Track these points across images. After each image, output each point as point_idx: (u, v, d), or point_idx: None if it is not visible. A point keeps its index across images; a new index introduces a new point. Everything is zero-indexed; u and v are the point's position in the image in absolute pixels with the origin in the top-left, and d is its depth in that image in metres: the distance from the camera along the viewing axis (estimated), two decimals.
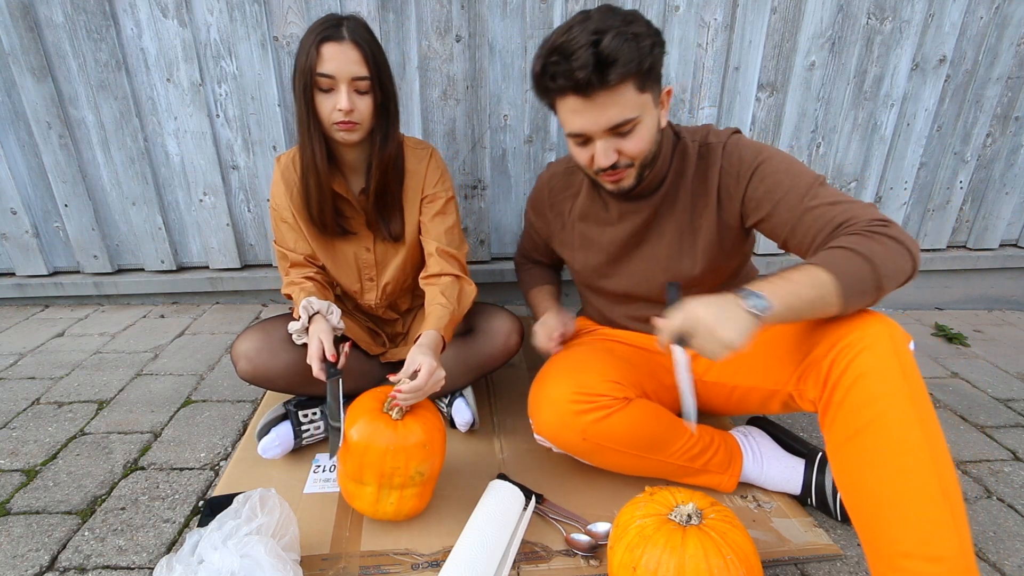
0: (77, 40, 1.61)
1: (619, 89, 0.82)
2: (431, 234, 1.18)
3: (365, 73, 1.01)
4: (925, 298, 2.12)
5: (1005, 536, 1.02)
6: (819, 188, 0.88)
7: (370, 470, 0.90)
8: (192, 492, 1.09)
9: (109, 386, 1.45)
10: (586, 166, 0.94)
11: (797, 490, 1.04)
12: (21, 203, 1.79)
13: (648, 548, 0.73)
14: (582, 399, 0.94)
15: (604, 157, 0.88)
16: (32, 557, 0.94)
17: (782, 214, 0.90)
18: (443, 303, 1.09)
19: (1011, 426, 1.37)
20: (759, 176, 0.92)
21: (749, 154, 0.95)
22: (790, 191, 0.89)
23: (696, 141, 1.00)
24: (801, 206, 0.87)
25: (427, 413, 0.97)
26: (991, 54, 1.80)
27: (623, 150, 0.89)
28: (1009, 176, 1.98)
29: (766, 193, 0.92)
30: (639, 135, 0.88)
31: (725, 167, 0.97)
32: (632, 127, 0.87)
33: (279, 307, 1.97)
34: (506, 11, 1.63)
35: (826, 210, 0.85)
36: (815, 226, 0.86)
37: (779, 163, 0.92)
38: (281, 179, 1.17)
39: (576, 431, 0.95)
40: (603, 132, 0.86)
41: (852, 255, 0.76)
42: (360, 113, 1.03)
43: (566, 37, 0.80)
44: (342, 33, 1.00)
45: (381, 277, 1.25)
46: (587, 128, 0.87)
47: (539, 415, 0.99)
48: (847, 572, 0.93)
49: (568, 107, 0.86)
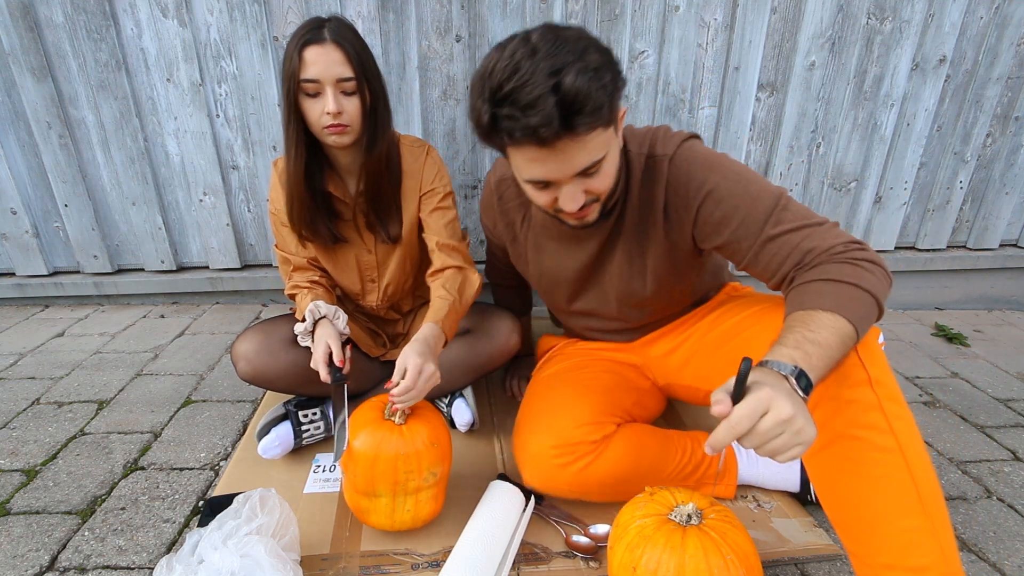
0: (77, 40, 1.61)
1: (584, 136, 0.71)
2: (431, 229, 1.17)
3: (350, 74, 0.99)
4: (925, 298, 2.13)
5: (1005, 536, 1.02)
6: (780, 212, 0.81)
7: (383, 480, 0.89)
8: (192, 492, 1.09)
9: (109, 386, 1.45)
10: (546, 207, 0.84)
11: (796, 487, 1.04)
12: (21, 203, 1.79)
13: (648, 548, 0.73)
14: (563, 451, 0.93)
15: (571, 202, 0.78)
16: (32, 557, 0.94)
17: (741, 243, 0.84)
18: (443, 295, 1.08)
19: (1011, 426, 1.37)
20: (713, 200, 0.84)
21: (699, 173, 0.85)
22: (747, 218, 0.82)
23: (642, 153, 0.90)
24: (762, 235, 0.81)
25: (429, 413, 0.97)
26: (991, 54, 1.80)
27: (590, 189, 0.80)
28: (1009, 176, 1.98)
29: (722, 219, 0.84)
30: (605, 172, 0.79)
31: (672, 185, 0.88)
32: (599, 167, 0.77)
33: (279, 307, 1.97)
34: (506, 11, 1.63)
35: (790, 237, 0.79)
36: (779, 255, 0.80)
37: (734, 184, 0.83)
38: (279, 182, 1.16)
39: (563, 483, 0.95)
40: (569, 177, 0.76)
41: (859, 293, 0.71)
42: (349, 115, 1.01)
43: (516, 82, 0.67)
44: (323, 35, 0.98)
45: (382, 278, 1.25)
46: (550, 176, 0.76)
47: (525, 469, 0.99)
48: (847, 572, 0.93)
49: (525, 156, 0.74)
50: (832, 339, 0.66)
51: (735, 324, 0.97)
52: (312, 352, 1.05)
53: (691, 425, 1.28)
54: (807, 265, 0.77)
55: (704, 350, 1.02)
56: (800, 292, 0.75)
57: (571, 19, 1.65)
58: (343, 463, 0.94)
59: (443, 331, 1.03)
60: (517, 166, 0.79)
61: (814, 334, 0.66)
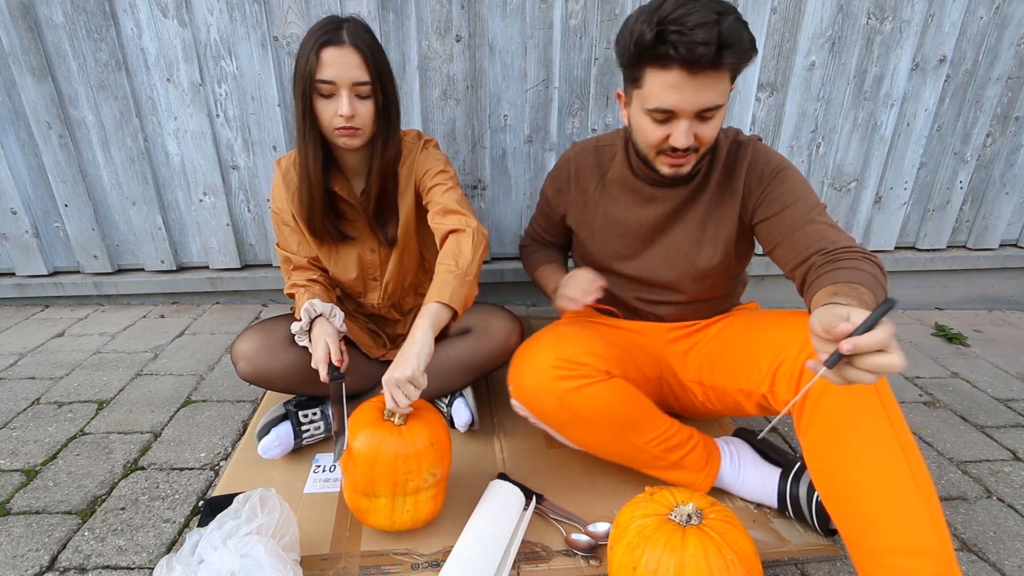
0: (77, 40, 1.61)
1: (722, 73, 0.83)
2: (431, 203, 1.12)
3: (366, 78, 1.00)
4: (925, 298, 2.13)
5: (1005, 536, 1.02)
6: (822, 210, 0.94)
7: (382, 481, 0.88)
8: (192, 492, 1.09)
9: (109, 386, 1.45)
10: (654, 144, 0.92)
11: (774, 502, 1.02)
12: (21, 203, 1.79)
13: (648, 548, 0.73)
14: (564, 365, 0.93)
15: (685, 138, 0.87)
16: (32, 557, 0.94)
17: (787, 218, 0.94)
18: (440, 269, 0.99)
19: (1011, 426, 1.37)
20: (780, 179, 0.97)
21: (775, 159, 1.00)
22: (801, 201, 0.94)
23: (728, 137, 1.03)
24: (807, 217, 0.92)
25: (428, 413, 0.97)
26: (991, 54, 1.80)
27: (700, 135, 0.89)
28: (1009, 176, 1.98)
29: (781, 195, 0.96)
30: (716, 122, 0.89)
31: (753, 164, 1.00)
32: (715, 114, 0.88)
33: (279, 307, 1.97)
34: (506, 11, 1.63)
35: (825, 228, 0.90)
36: (811, 238, 0.90)
37: (798, 177, 0.98)
38: (282, 182, 1.16)
39: (554, 396, 0.94)
40: (692, 113, 0.86)
41: (877, 285, 0.77)
42: (361, 118, 1.02)
43: (685, 10, 0.78)
44: (342, 37, 0.98)
45: (384, 277, 1.25)
46: (680, 106, 0.85)
47: (519, 379, 0.98)
48: (847, 572, 0.93)
49: (666, 80, 0.84)
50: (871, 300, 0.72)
51: (759, 324, 1.02)
52: (311, 352, 1.05)
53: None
54: (830, 253, 0.85)
55: (726, 345, 1.05)
56: (835, 269, 0.81)
57: (571, 19, 1.65)
58: (342, 463, 0.94)
59: (443, 304, 0.95)
60: (648, 94, 0.87)
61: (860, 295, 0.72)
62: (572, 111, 1.76)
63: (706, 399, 1.08)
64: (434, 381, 1.19)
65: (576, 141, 1.21)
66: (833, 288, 0.76)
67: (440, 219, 1.08)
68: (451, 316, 0.97)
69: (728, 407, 1.05)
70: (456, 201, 1.09)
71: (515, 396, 1.00)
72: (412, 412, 0.94)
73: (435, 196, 1.12)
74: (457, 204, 1.09)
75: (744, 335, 1.03)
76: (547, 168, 1.81)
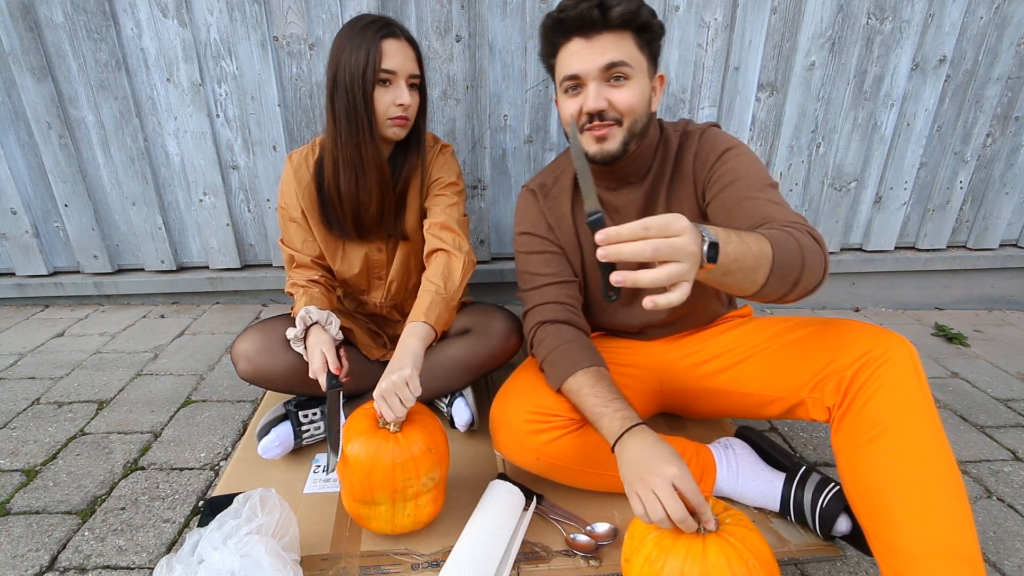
0: (77, 40, 1.61)
1: (619, 33, 0.88)
2: (430, 214, 1.16)
3: (419, 71, 1.07)
4: (925, 298, 2.13)
5: (1005, 536, 1.02)
6: (770, 190, 0.90)
7: (381, 489, 0.88)
8: (192, 492, 1.09)
9: (109, 386, 1.45)
10: (573, 115, 0.94)
11: (776, 506, 1.01)
12: (21, 203, 1.79)
13: (669, 559, 0.71)
14: (536, 418, 0.94)
15: (594, 100, 0.90)
16: (32, 557, 0.94)
17: (726, 198, 0.93)
18: (427, 287, 1.05)
19: (1011, 426, 1.37)
20: (723, 160, 0.96)
21: (722, 142, 0.99)
22: (742, 179, 0.92)
23: (678, 131, 1.04)
24: (746, 195, 0.90)
25: (424, 417, 0.95)
26: (991, 54, 1.80)
27: (613, 100, 0.91)
28: (1009, 176, 1.98)
29: (722, 176, 0.95)
30: (630, 89, 0.91)
31: (699, 152, 1.00)
32: (625, 76, 0.90)
33: (279, 307, 1.97)
34: (506, 11, 1.63)
35: (765, 205, 0.87)
36: (748, 213, 0.87)
37: (744, 156, 0.96)
38: (293, 176, 1.16)
39: (531, 451, 0.95)
40: (598, 72, 0.89)
41: (791, 241, 0.72)
42: (411, 110, 1.07)
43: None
44: (397, 31, 1.04)
45: (388, 276, 1.25)
46: (583, 68, 0.89)
47: (496, 434, 0.99)
48: (847, 572, 0.93)
49: (569, 51, 0.91)
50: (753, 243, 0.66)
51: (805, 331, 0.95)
52: (307, 361, 1.05)
53: (691, 428, 1.28)
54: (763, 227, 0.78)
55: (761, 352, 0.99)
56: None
57: None
58: (340, 472, 0.93)
59: (430, 325, 1.00)
60: (562, 66, 0.93)
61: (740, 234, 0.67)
62: None
63: (717, 403, 1.06)
64: (434, 381, 1.20)
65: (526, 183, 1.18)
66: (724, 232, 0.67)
67: (436, 232, 1.12)
68: (434, 337, 1.02)
69: (742, 410, 1.03)
70: (456, 220, 1.14)
71: (496, 449, 1.01)
72: (407, 417, 0.93)
73: (437, 206, 1.15)
74: (456, 224, 1.13)
75: (785, 343, 0.96)
76: None
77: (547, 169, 1.17)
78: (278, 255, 1.90)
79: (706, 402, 1.09)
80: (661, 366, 1.12)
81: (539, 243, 1.10)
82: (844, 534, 0.94)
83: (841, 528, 0.93)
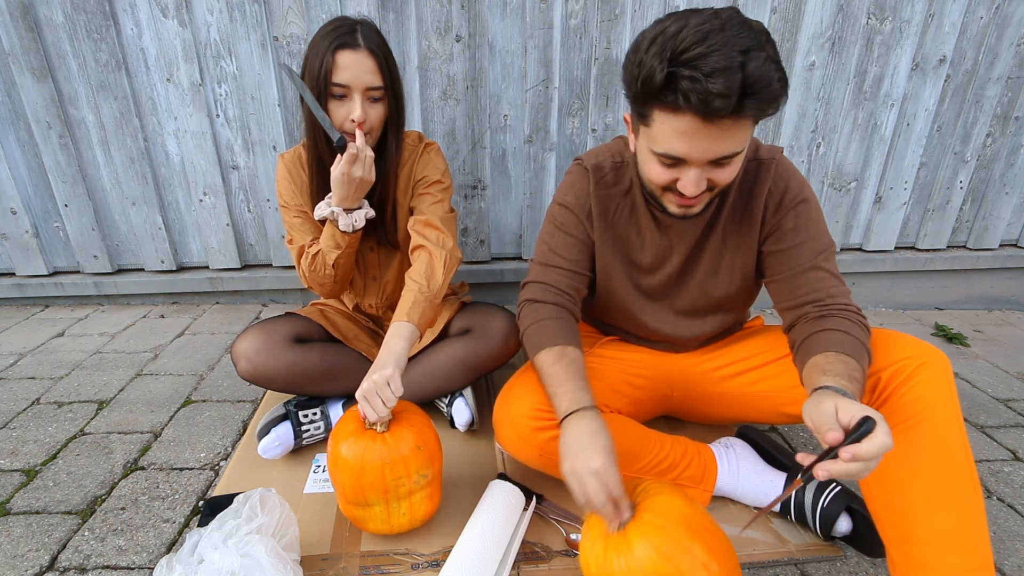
0: (77, 40, 1.61)
1: (742, 122, 0.72)
2: (416, 210, 1.15)
3: (379, 83, 1.01)
4: (925, 298, 2.13)
5: (1005, 536, 1.02)
6: (830, 255, 0.92)
7: (372, 490, 0.87)
8: (192, 492, 1.09)
9: (109, 386, 1.45)
10: (661, 185, 0.83)
11: (776, 506, 1.01)
12: (21, 203, 1.79)
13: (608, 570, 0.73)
14: (540, 415, 0.93)
15: (694, 186, 0.78)
16: (32, 557, 0.94)
17: (794, 257, 0.92)
18: (410, 286, 1.04)
19: (1011, 426, 1.37)
20: (799, 210, 0.92)
21: (796, 184, 0.93)
22: (812, 240, 0.91)
23: (748, 156, 0.93)
24: (813, 261, 0.90)
25: (413, 415, 0.94)
26: (991, 54, 1.80)
27: (714, 179, 0.79)
28: (1009, 176, 1.98)
29: (795, 229, 0.92)
30: (734, 166, 0.79)
31: (772, 190, 0.93)
32: (731, 161, 0.78)
33: (279, 307, 1.97)
34: (506, 11, 1.63)
35: (828, 279, 0.89)
36: (811, 285, 0.90)
37: (815, 212, 0.93)
38: (287, 176, 1.16)
39: (534, 448, 0.94)
40: (704, 162, 0.76)
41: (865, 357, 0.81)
42: (371, 122, 1.03)
43: (704, 48, 0.66)
44: (357, 40, 0.98)
45: (383, 276, 1.25)
46: (692, 155, 0.75)
47: (500, 429, 0.99)
48: (847, 572, 0.93)
49: (676, 126, 0.73)
50: (861, 381, 0.77)
51: None
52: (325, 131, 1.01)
53: (692, 428, 1.28)
54: (825, 307, 0.87)
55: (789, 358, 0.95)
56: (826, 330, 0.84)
57: (571, 19, 1.65)
58: (331, 477, 0.91)
59: (414, 324, 1.00)
60: (656, 136, 0.76)
61: (854, 379, 0.75)
62: (572, 111, 1.76)
63: (731, 407, 1.06)
64: (433, 381, 1.20)
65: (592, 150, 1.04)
66: (824, 359, 0.78)
67: (420, 229, 1.11)
68: (419, 336, 1.02)
69: (758, 413, 1.04)
70: (440, 217, 1.12)
71: (499, 443, 1.01)
72: (394, 416, 0.92)
73: (422, 205, 1.14)
74: (440, 221, 1.11)
75: None
76: (547, 168, 1.81)
77: (603, 151, 1.02)
78: (278, 255, 1.90)
79: (719, 406, 1.08)
80: (675, 372, 1.11)
81: (573, 224, 1.01)
82: (844, 534, 0.94)
83: (841, 528, 0.94)
